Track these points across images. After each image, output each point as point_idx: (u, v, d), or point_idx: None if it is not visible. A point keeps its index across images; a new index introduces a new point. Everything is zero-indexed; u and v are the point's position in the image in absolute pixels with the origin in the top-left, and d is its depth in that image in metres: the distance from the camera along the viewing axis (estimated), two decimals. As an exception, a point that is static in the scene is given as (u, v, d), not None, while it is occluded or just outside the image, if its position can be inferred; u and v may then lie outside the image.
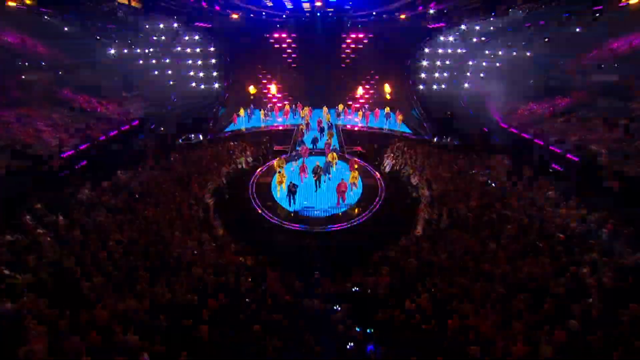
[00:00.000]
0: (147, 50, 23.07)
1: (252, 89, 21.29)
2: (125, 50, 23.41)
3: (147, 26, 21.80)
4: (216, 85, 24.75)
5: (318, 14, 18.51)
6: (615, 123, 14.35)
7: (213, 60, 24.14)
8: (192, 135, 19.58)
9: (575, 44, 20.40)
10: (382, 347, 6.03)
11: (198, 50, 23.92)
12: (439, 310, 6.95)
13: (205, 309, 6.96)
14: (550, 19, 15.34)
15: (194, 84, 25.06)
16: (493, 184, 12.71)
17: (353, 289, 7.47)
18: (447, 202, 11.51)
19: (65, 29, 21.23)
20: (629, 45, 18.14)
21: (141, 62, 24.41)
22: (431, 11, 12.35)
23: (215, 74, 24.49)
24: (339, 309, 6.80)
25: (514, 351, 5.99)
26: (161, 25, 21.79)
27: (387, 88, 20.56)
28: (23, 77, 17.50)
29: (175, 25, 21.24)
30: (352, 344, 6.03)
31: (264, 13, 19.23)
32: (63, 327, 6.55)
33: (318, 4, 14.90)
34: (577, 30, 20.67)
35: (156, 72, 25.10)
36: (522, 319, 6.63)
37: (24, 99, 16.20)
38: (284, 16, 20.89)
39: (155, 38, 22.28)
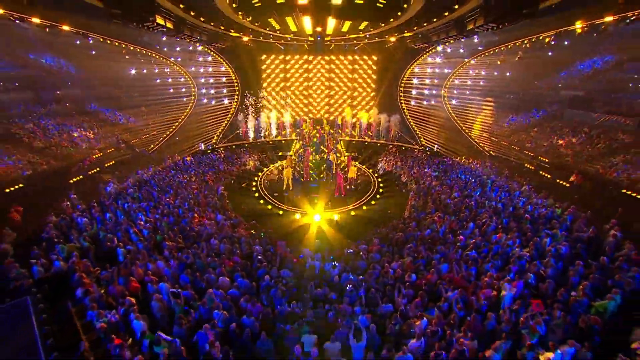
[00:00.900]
0: (165, 70, 25.56)
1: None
2: (145, 70, 26.08)
3: (165, 48, 24.43)
4: (226, 101, 27.06)
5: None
6: (580, 130, 16.22)
7: (224, 79, 26.62)
8: (202, 145, 21.61)
9: (548, 65, 22.93)
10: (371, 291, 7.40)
11: (210, 69, 26.46)
12: (420, 268, 8.38)
13: (223, 267, 8.38)
14: (522, 42, 17.58)
15: (205, 100, 27.35)
16: (473, 180, 14.30)
17: (348, 251, 8.88)
18: (432, 193, 13.09)
19: (93, 52, 23.90)
20: (592, 66, 20.56)
21: (158, 80, 27.00)
22: (412, 33, 14.57)
23: (225, 90, 26.89)
24: (337, 264, 8.20)
25: (480, 293, 7.39)
26: (178, 48, 24.39)
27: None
28: (58, 92, 19.69)
29: (191, 47, 23.79)
30: (349, 286, 7.39)
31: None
32: (108, 278, 7.98)
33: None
34: (550, 53, 23.43)
35: (171, 90, 27.53)
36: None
37: (59, 110, 18.28)
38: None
39: (172, 59, 24.80)
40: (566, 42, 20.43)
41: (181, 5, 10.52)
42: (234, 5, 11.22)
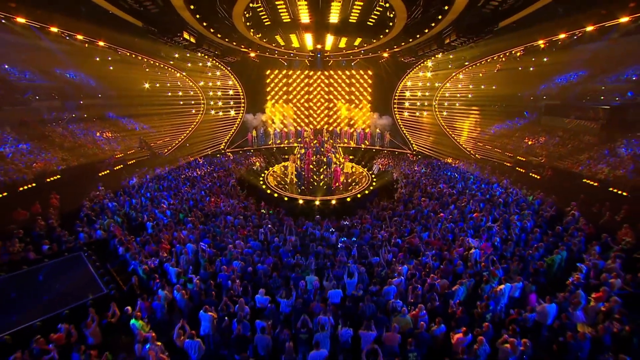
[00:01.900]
0: (178, 83, 27.87)
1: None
2: (157, 85, 28.40)
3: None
4: (232, 113, 29.21)
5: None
6: (553, 134, 18.16)
7: (231, 92, 28.90)
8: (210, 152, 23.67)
9: (530, 79, 25.30)
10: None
11: (219, 83, 28.79)
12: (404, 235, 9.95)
13: (238, 234, 9.95)
14: (498, 56, 19.91)
15: (213, 112, 29.53)
16: (457, 176, 16.01)
17: (345, 223, 10.46)
18: (420, 185, 14.76)
19: (111, 67, 26.33)
20: (568, 79, 22.83)
21: (169, 93, 29.27)
22: (400, 48, 16.78)
23: (232, 102, 29.09)
24: (334, 230, 9.76)
25: (453, 251, 8.93)
26: (189, 64, 26.78)
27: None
28: (81, 102, 21.85)
29: (200, 64, 26.18)
30: (342, 244, 8.94)
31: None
32: (143, 241, 9.55)
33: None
34: (531, 69, 25.89)
35: (182, 103, 29.75)
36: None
37: (83, 117, 20.40)
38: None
39: (185, 73, 27.15)
40: (545, 59, 22.91)
41: (204, 23, 12.64)
42: (247, 24, 13.36)
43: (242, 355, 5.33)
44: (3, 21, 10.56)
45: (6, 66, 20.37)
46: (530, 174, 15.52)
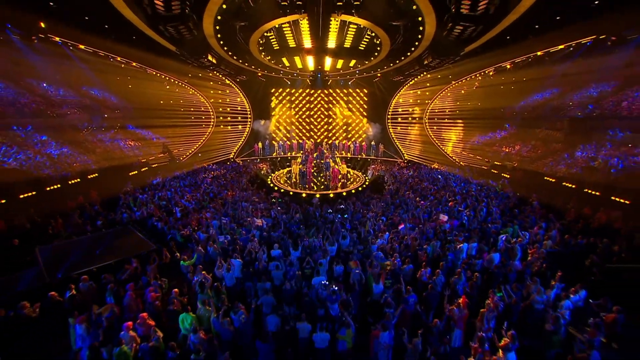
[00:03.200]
0: (194, 101, 30.87)
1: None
2: (172, 102, 31.30)
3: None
4: (239, 127, 31.93)
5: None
6: (527, 142, 20.74)
7: (239, 107, 31.79)
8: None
9: (511, 96, 28.19)
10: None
11: (228, 100, 31.77)
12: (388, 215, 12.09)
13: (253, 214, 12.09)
14: (475, 75, 22.79)
15: (221, 126, 32.29)
16: (440, 177, 18.31)
17: (342, 206, 12.63)
18: (407, 183, 17.01)
19: (130, 86, 29.35)
20: (543, 97, 25.73)
21: (182, 110, 32.13)
22: (389, 69, 19.53)
23: (239, 117, 31.91)
24: (331, 210, 11.92)
25: (427, 224, 11.06)
26: (202, 82, 29.79)
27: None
28: (105, 115, 24.58)
29: (212, 83, 29.22)
30: (337, 219, 11.08)
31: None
32: (175, 220, 11.69)
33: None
34: (512, 87, 28.87)
35: (193, 118, 32.58)
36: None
37: (108, 128, 23.15)
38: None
39: (198, 90, 30.13)
40: (524, 79, 25.90)
41: (225, 48, 15.37)
42: (260, 48, 16.14)
43: (262, 282, 7.38)
44: (71, 48, 13.25)
45: (44, 84, 23.32)
46: (503, 174, 17.86)
